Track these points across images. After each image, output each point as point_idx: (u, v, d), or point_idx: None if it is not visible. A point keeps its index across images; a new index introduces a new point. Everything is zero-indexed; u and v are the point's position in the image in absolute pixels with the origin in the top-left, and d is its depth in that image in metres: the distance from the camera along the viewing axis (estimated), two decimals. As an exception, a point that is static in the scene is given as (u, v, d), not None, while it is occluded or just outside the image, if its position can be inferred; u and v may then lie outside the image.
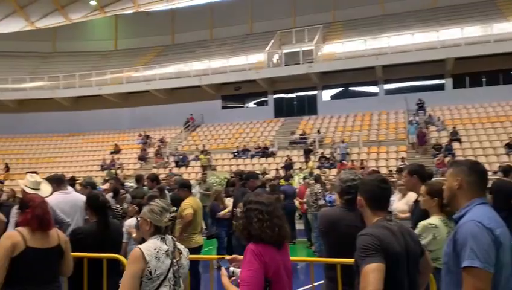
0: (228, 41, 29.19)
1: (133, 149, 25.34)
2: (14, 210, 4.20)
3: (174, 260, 2.68)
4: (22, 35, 32.55)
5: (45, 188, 4.82)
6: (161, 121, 26.47)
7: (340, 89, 25.10)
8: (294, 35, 26.21)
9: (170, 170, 20.88)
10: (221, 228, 7.99)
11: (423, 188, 3.53)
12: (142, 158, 23.75)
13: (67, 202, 5.10)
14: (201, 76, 25.38)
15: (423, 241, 3.23)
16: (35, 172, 5.27)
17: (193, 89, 25.84)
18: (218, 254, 7.54)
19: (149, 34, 31.21)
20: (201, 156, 20.97)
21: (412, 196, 4.46)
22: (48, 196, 4.91)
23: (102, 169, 22.71)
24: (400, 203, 5.57)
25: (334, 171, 17.55)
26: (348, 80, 24.02)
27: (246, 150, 21.75)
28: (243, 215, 2.54)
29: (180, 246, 2.81)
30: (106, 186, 8.95)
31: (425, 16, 25.14)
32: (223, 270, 2.59)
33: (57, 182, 5.29)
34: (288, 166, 18.79)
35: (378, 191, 2.39)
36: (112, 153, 24.75)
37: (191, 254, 5.14)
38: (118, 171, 21.40)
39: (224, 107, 26.98)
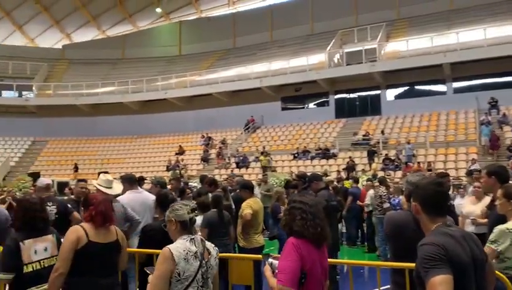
0: (288, 42, 29.19)
1: (196, 150, 26.09)
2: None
3: (203, 261, 2.70)
4: (94, 43, 34.79)
5: (116, 187, 5.10)
6: (223, 122, 27.03)
7: (405, 88, 24.17)
8: (356, 34, 25.66)
9: (232, 170, 21.26)
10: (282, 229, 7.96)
11: (500, 191, 3.31)
12: (205, 159, 24.39)
13: (137, 201, 5.35)
14: (262, 78, 25.60)
15: (499, 248, 3.02)
16: (106, 172, 5.57)
17: (253, 91, 26.13)
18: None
19: (211, 39, 32.02)
20: (262, 158, 21.11)
21: (488, 200, 4.19)
22: (119, 195, 5.21)
23: (168, 169, 23.58)
24: (476, 207, 5.24)
25: (399, 173, 16.94)
26: (414, 78, 23.06)
27: (306, 152, 21.60)
28: (287, 213, 2.72)
29: (209, 247, 2.84)
30: (169, 186, 9.28)
31: (499, 9, 23.52)
32: (267, 265, 2.75)
33: (129, 181, 5.57)
34: (351, 168, 18.41)
35: (435, 195, 2.23)
36: (176, 154, 25.66)
37: (252, 253, 5.23)
38: (182, 172, 22.15)
39: (284, 109, 27.00)
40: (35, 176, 20.47)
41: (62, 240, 3.39)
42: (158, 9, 34.71)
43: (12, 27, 35.23)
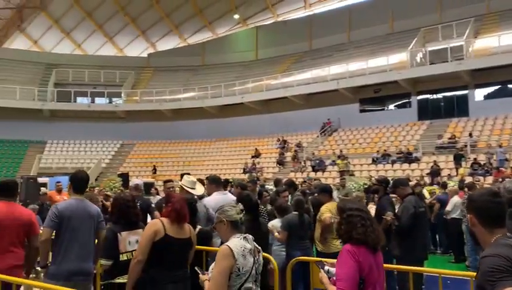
0: (367, 42, 28.40)
1: (271, 153, 26.30)
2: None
3: (255, 258, 2.86)
4: (176, 51, 36.58)
5: (199, 188, 5.29)
6: (298, 125, 26.95)
7: (496, 87, 22.36)
8: (440, 32, 24.26)
9: (307, 174, 21.10)
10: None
11: None
12: (280, 162, 24.48)
13: (223, 202, 5.52)
14: (339, 80, 25.15)
15: None
16: (188, 173, 5.82)
17: (330, 93, 25.74)
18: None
19: (287, 42, 32.13)
20: (339, 161, 20.71)
21: None
22: (201, 195, 5.39)
23: (244, 172, 24.02)
24: None
25: (489, 179, 15.69)
26: (506, 77, 21.23)
27: (387, 155, 20.80)
28: (343, 222, 2.75)
29: (256, 245, 2.96)
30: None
31: None
32: (323, 272, 2.81)
33: (215, 183, 5.76)
34: (435, 173, 17.39)
35: (491, 206, 2.10)
36: (252, 157, 26.07)
37: (331, 258, 5.13)
38: (258, 175, 22.42)
39: (362, 111, 26.26)
40: (124, 176, 22.23)
41: None
42: (236, 16, 35.61)
43: (104, 39, 38.21)
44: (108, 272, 3.80)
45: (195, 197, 4.93)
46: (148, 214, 5.85)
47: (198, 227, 4.22)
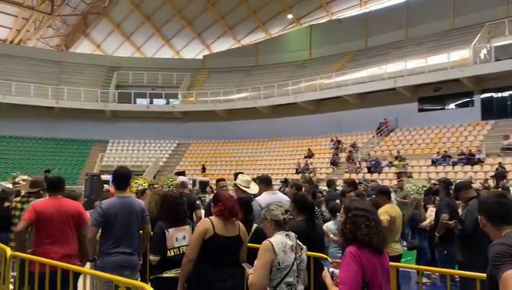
0: (426, 39, 27.25)
1: (325, 154, 25.97)
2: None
3: (297, 255, 3.00)
4: (230, 52, 37.12)
5: (254, 187, 5.32)
6: (352, 125, 26.40)
7: None
8: (507, 26, 22.79)
9: (363, 175, 20.63)
10: (423, 239, 7.42)
11: None
12: (334, 163, 24.11)
13: (273, 202, 5.52)
14: (396, 78, 24.34)
15: None
16: (242, 173, 5.88)
17: (386, 92, 24.99)
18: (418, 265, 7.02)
19: (341, 41, 31.58)
20: (396, 162, 20.06)
21: None
22: (257, 194, 5.42)
23: (297, 172, 23.90)
24: None
25: None
26: None
27: (447, 157, 19.86)
28: (348, 221, 2.71)
29: (299, 243, 3.10)
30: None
31: None
32: (326, 271, 2.83)
33: (265, 182, 5.78)
34: (500, 175, 16.38)
35: (497, 207, 2.40)
36: (305, 157, 25.88)
37: (390, 261, 4.96)
38: (311, 175, 22.22)
39: (421, 110, 25.23)
40: (181, 175, 22.94)
41: None
42: (289, 16, 35.54)
43: (161, 42, 39.57)
44: (157, 266, 3.95)
45: (251, 196, 4.96)
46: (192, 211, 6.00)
47: (255, 225, 4.24)
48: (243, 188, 4.92)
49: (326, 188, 10.22)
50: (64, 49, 40.33)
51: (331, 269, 2.85)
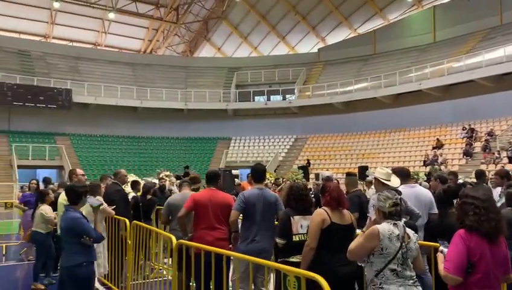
0: None
1: (456, 144, 23.89)
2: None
3: (404, 244, 3.05)
4: (346, 43, 36.19)
5: (395, 180, 5.08)
6: (488, 112, 23.83)
7: None
8: None
9: (503, 166, 18.49)
10: None
11: None
12: (468, 153, 22.04)
13: (412, 195, 5.25)
14: (541, 55, 21.31)
15: None
16: (366, 167, 5.71)
17: (530, 72, 22.02)
18: None
19: (470, 19, 28.64)
20: (545, 151, 17.58)
21: None
22: (397, 187, 5.17)
23: (425, 165, 22.41)
24: None
25: None
26: None
27: None
28: (458, 207, 2.91)
29: (409, 232, 3.16)
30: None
31: None
32: (439, 253, 2.99)
33: (402, 175, 5.49)
34: None
35: None
36: (434, 148, 24.11)
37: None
38: (442, 167, 20.62)
39: None
40: (304, 168, 24.48)
41: None
42: (409, -1, 33.40)
43: (277, 39, 40.27)
44: (284, 250, 4.19)
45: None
46: None
47: (403, 220, 4.06)
48: (384, 181, 4.72)
49: (474, 180, 9.35)
50: (189, 54, 43.50)
51: (441, 248, 3.02)
